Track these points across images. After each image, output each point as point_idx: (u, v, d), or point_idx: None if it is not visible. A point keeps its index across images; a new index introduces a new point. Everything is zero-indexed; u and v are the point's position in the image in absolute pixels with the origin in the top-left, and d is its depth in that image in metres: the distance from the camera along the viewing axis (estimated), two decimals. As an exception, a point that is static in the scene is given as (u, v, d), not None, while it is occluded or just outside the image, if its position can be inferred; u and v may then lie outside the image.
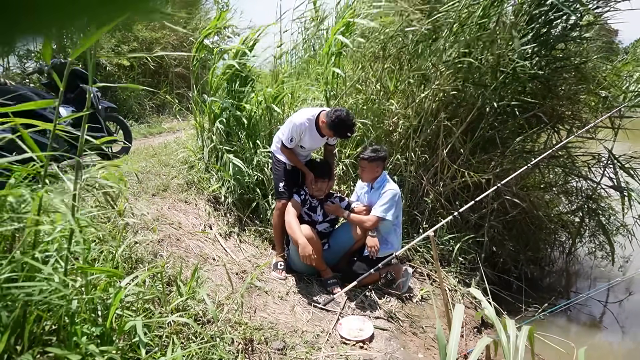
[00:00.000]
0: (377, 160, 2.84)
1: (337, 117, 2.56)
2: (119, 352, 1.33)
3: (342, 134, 2.65)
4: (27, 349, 1.15)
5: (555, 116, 3.58)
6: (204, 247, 2.82)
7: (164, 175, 3.47)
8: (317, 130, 2.75)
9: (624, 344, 3.25)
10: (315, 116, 2.73)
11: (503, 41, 3.21)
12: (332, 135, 2.69)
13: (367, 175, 2.92)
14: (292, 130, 2.73)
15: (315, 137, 2.78)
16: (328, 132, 2.68)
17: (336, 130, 2.61)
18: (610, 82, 3.74)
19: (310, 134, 2.75)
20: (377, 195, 2.90)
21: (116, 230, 2.22)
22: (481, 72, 3.37)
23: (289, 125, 2.77)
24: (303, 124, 2.71)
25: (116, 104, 6.57)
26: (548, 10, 3.22)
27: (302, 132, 2.73)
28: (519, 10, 3.26)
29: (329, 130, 2.64)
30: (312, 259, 2.54)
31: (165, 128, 7.08)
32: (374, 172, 2.89)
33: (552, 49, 3.42)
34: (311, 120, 2.73)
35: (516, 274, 3.70)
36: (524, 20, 3.23)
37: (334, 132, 2.63)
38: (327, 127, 2.64)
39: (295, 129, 2.72)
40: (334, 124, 2.58)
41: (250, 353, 1.93)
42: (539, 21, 3.25)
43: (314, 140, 2.81)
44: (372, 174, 2.90)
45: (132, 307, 1.60)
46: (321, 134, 2.78)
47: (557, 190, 4.01)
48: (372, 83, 3.88)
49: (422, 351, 2.42)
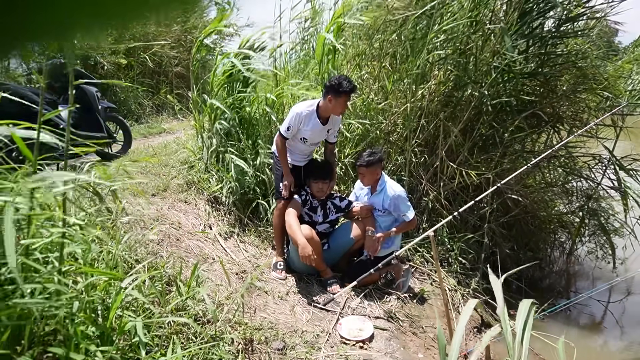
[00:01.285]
0: (374, 164, 2.83)
1: (336, 78, 2.57)
2: (119, 352, 1.32)
3: (349, 85, 2.55)
4: (27, 349, 1.15)
5: (555, 115, 3.58)
6: (203, 247, 2.82)
7: (163, 175, 3.47)
8: (318, 119, 2.71)
9: (623, 344, 3.25)
10: (316, 104, 2.70)
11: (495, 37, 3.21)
12: (346, 96, 2.58)
13: (367, 180, 2.92)
14: (291, 119, 2.68)
15: (316, 126, 2.72)
16: (331, 105, 2.61)
17: (339, 86, 2.53)
18: (611, 82, 3.74)
19: (311, 122, 2.70)
20: (380, 199, 2.92)
21: (115, 230, 2.22)
22: (476, 68, 3.37)
23: (289, 115, 2.74)
24: (302, 112, 2.67)
25: (116, 104, 6.57)
26: (539, 2, 3.20)
27: (300, 121, 2.69)
28: (509, 4, 3.25)
29: (333, 96, 2.57)
30: (311, 259, 2.54)
31: (165, 128, 7.07)
32: (374, 175, 2.89)
33: (547, 45, 3.41)
34: (311, 108, 2.70)
35: (516, 274, 3.69)
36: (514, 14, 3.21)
37: (342, 88, 2.54)
38: (335, 95, 2.57)
39: (294, 118, 2.67)
40: (337, 83, 2.53)
41: (250, 353, 1.93)
42: (532, 14, 3.21)
43: (315, 130, 2.74)
44: (372, 177, 2.90)
45: (132, 307, 1.60)
46: (322, 123, 2.72)
47: (557, 190, 4.01)
48: (370, 82, 3.88)
49: (422, 351, 2.42)
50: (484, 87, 3.28)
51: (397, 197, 2.85)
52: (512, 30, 3.14)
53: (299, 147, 2.86)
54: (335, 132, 2.91)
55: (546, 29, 3.43)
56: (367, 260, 2.84)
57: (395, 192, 2.85)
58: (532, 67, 3.55)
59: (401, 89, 3.68)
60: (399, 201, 2.85)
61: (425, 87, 3.42)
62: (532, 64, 3.56)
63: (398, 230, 2.91)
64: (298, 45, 4.71)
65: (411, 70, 3.47)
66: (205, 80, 3.83)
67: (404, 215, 2.87)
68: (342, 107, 2.65)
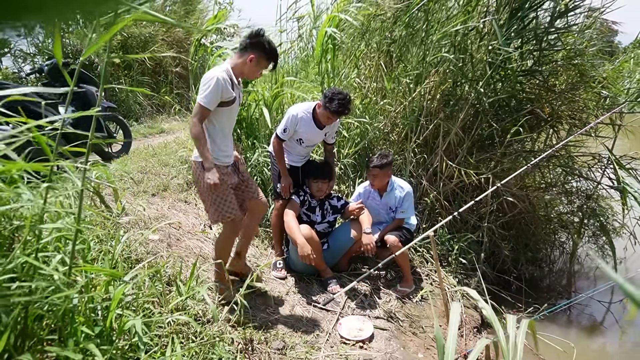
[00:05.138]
0: (387, 165, 2.92)
1: (331, 93, 2.56)
2: (118, 352, 1.32)
3: (335, 108, 2.54)
4: (27, 349, 1.15)
5: (554, 115, 3.58)
6: (203, 247, 2.82)
7: (163, 175, 3.47)
8: (314, 122, 2.71)
9: (623, 344, 3.25)
10: (312, 107, 2.70)
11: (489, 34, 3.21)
12: (329, 114, 2.59)
13: (379, 182, 2.97)
14: (287, 121, 2.68)
15: (312, 128, 2.72)
16: (325, 116, 2.62)
17: (331, 105, 2.54)
18: (609, 80, 3.74)
19: (307, 125, 2.70)
20: (391, 199, 3.03)
21: (115, 229, 2.22)
22: (473, 66, 3.37)
23: (284, 117, 2.74)
24: (298, 114, 2.67)
25: (116, 103, 6.56)
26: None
27: (297, 123, 2.68)
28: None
29: (325, 111, 2.58)
30: (311, 259, 2.54)
31: (165, 128, 7.07)
32: (386, 177, 2.96)
33: (542, 42, 3.39)
34: (307, 110, 2.69)
35: (516, 274, 3.70)
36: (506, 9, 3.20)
37: (329, 106, 2.54)
38: (323, 108, 2.59)
39: (291, 120, 2.67)
40: (328, 99, 2.54)
41: (250, 353, 1.93)
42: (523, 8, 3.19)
43: (311, 132, 2.75)
44: (384, 179, 2.96)
45: (132, 307, 1.60)
46: (319, 126, 2.73)
47: (557, 190, 4.00)
48: (369, 81, 3.88)
49: (422, 351, 2.42)
50: (480, 85, 3.27)
51: (407, 194, 2.98)
52: (505, 25, 3.13)
53: (296, 148, 2.85)
54: (333, 134, 2.92)
55: (540, 25, 3.42)
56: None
57: (404, 190, 2.99)
58: (528, 65, 3.54)
59: (400, 88, 3.68)
60: (407, 197, 2.98)
61: (423, 85, 3.42)
62: (528, 62, 3.56)
63: (389, 228, 2.98)
64: (297, 45, 4.71)
65: (408, 70, 3.48)
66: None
67: (404, 214, 2.96)
68: (326, 120, 2.67)
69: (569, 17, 3.44)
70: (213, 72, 2.01)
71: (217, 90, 1.98)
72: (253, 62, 2.08)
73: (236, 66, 2.11)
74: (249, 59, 2.07)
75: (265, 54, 2.10)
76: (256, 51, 2.08)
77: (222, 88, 1.99)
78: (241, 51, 2.10)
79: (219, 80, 1.98)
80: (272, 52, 2.13)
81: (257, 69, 2.14)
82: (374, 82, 3.83)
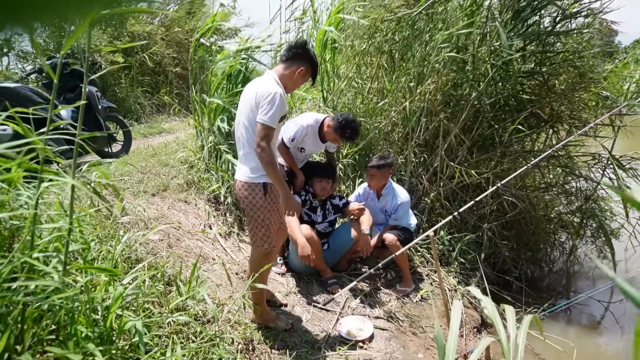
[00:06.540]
0: (386, 167, 2.93)
1: (344, 119, 2.61)
2: (118, 352, 1.32)
3: (347, 136, 2.65)
4: (27, 349, 1.15)
5: (554, 115, 3.58)
6: (203, 247, 2.82)
7: (163, 175, 3.47)
8: (319, 136, 2.78)
9: (623, 344, 3.24)
10: (320, 121, 2.76)
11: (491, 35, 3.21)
12: (338, 137, 2.68)
13: (376, 183, 2.98)
14: (297, 131, 2.73)
15: (316, 141, 2.81)
16: (332, 136, 2.70)
17: (343, 132, 2.62)
18: (610, 81, 3.74)
19: (313, 137, 2.78)
20: (386, 202, 3.04)
21: (115, 229, 2.22)
22: (474, 67, 3.37)
23: (294, 126, 2.76)
24: (309, 126, 2.74)
25: (116, 103, 6.56)
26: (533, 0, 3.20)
27: (306, 134, 2.75)
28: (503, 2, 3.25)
29: (334, 134, 2.66)
30: (311, 259, 2.54)
31: (165, 128, 7.07)
32: (384, 179, 2.96)
33: (544, 44, 3.40)
34: (316, 123, 2.76)
35: (516, 274, 3.70)
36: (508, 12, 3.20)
37: (340, 133, 2.63)
38: (332, 130, 2.66)
39: (301, 130, 2.73)
40: (340, 125, 2.61)
41: (250, 353, 1.93)
42: (526, 11, 3.21)
43: (315, 144, 2.84)
44: (382, 180, 2.97)
45: (132, 307, 1.60)
46: (322, 140, 2.80)
47: (556, 191, 4.00)
48: (370, 81, 3.88)
49: (422, 351, 2.42)
50: (481, 85, 3.28)
51: (403, 203, 2.99)
52: (508, 27, 3.14)
53: (296, 155, 2.92)
54: (334, 146, 2.99)
55: (542, 27, 3.43)
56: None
57: (401, 198, 2.99)
58: (530, 66, 3.55)
59: (400, 88, 3.68)
60: (403, 206, 2.99)
61: (424, 86, 3.42)
62: (530, 63, 3.56)
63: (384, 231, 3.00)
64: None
65: (410, 69, 3.48)
66: (204, 80, 3.83)
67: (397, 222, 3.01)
68: (332, 140, 2.76)
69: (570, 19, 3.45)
70: (271, 88, 1.83)
71: (282, 106, 1.82)
72: (301, 74, 1.96)
73: (282, 77, 1.95)
74: (298, 70, 1.94)
75: (312, 67, 1.99)
76: (305, 63, 1.96)
77: (284, 103, 1.85)
78: (287, 62, 1.96)
79: (282, 96, 1.82)
80: (316, 65, 2.03)
81: (303, 82, 2.03)
82: (375, 82, 3.82)
